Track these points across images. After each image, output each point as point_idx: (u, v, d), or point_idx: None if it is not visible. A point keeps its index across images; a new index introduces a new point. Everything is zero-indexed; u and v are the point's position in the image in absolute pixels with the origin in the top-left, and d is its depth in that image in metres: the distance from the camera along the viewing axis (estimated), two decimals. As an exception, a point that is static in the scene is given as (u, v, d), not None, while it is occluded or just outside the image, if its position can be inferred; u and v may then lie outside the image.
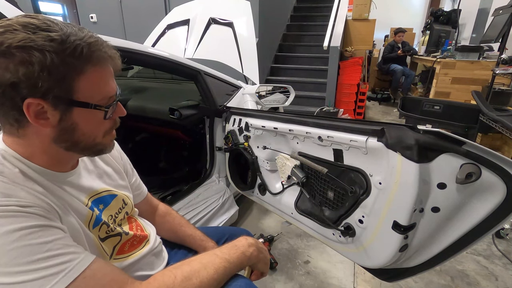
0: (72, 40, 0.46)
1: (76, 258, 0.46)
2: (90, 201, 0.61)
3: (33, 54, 0.43)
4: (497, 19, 2.49)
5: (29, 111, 0.45)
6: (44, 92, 0.45)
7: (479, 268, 1.53)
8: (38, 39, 0.43)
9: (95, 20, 4.78)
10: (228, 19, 2.17)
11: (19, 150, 0.51)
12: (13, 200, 0.44)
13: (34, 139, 0.50)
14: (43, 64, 0.43)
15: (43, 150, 0.52)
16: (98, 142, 0.56)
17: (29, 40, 0.43)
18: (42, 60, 0.43)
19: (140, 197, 0.84)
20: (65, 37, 0.45)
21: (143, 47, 1.25)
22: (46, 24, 0.45)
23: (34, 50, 0.43)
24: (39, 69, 0.43)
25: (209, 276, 0.56)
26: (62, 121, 0.49)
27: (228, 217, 1.64)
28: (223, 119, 1.55)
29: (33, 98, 0.45)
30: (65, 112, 0.49)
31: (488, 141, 2.87)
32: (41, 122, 0.47)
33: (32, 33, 0.43)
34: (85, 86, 0.49)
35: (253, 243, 0.70)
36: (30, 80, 0.43)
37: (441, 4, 6.92)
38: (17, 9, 0.90)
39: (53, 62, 0.44)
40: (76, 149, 0.54)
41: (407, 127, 0.76)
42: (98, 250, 0.59)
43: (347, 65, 4.12)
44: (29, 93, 0.44)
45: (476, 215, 0.73)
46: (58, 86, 0.46)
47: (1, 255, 0.41)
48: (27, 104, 0.45)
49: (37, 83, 0.44)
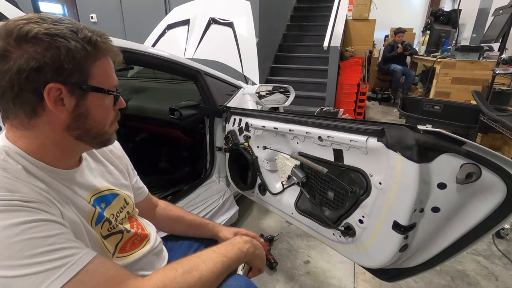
0: (86, 33, 0.50)
1: (79, 252, 0.47)
2: (92, 199, 0.61)
3: (58, 40, 0.47)
4: (497, 19, 2.49)
5: (49, 96, 0.48)
6: (66, 76, 0.48)
7: (479, 268, 1.53)
8: (61, 28, 0.48)
9: (95, 20, 4.79)
10: (228, 19, 2.16)
11: (24, 145, 0.51)
12: (16, 195, 0.45)
13: (45, 129, 0.51)
14: (68, 48, 0.47)
15: (53, 141, 0.53)
16: (106, 131, 0.58)
17: (54, 29, 0.47)
18: (67, 45, 0.47)
19: (142, 196, 0.85)
20: (80, 29, 0.50)
21: (143, 47, 1.25)
22: (60, 19, 0.50)
23: (59, 37, 0.47)
24: (65, 53, 0.47)
25: (208, 270, 0.58)
26: (77, 107, 0.51)
27: (228, 217, 1.64)
28: (223, 119, 1.55)
29: (54, 83, 0.47)
30: (81, 98, 0.51)
31: (488, 141, 2.87)
32: (59, 108, 0.50)
33: (53, 25, 0.48)
34: (98, 72, 0.53)
35: (248, 240, 0.73)
36: (56, 63, 0.47)
37: (441, 4, 6.93)
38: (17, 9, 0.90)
39: (76, 47, 0.48)
40: (87, 137, 0.56)
41: (407, 127, 0.76)
42: (101, 247, 0.60)
43: (347, 65, 4.12)
44: (52, 77, 0.47)
45: (476, 215, 0.73)
46: (78, 71, 0.50)
47: (5, 248, 0.41)
48: (48, 89, 0.47)
49: (63, 66, 0.47)
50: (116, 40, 1.07)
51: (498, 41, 2.43)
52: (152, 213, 0.89)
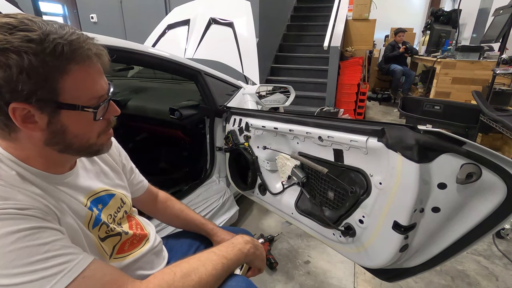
0: (52, 39, 0.43)
1: (75, 258, 0.46)
2: (89, 201, 0.61)
3: (10, 57, 0.41)
4: (498, 19, 2.49)
5: (15, 115, 0.44)
6: (26, 95, 0.43)
7: (479, 268, 1.53)
8: (14, 40, 0.41)
9: (96, 20, 4.79)
10: (228, 19, 2.16)
11: (15, 153, 0.50)
12: (11, 203, 0.44)
13: (26, 142, 0.49)
14: (21, 66, 0.41)
15: (38, 153, 0.51)
16: (92, 143, 0.55)
17: (5, 41, 0.41)
18: (20, 62, 0.41)
19: (142, 189, 0.86)
20: (44, 36, 0.43)
21: (143, 47, 1.25)
22: (24, 24, 0.43)
23: (11, 52, 0.41)
24: (18, 72, 0.41)
25: (207, 273, 0.58)
26: (50, 124, 0.47)
27: (228, 217, 1.64)
28: (223, 119, 1.55)
29: (17, 103, 0.43)
30: (53, 115, 0.47)
31: (489, 141, 2.87)
32: (29, 126, 0.46)
33: (9, 34, 0.41)
34: (70, 86, 0.46)
35: (249, 240, 0.72)
36: (10, 84, 0.42)
37: (441, 4, 6.93)
38: (17, 9, 0.90)
39: (31, 63, 0.42)
40: (70, 151, 0.53)
41: (408, 127, 0.76)
42: (98, 250, 0.59)
43: (347, 65, 4.12)
44: (12, 97, 0.43)
45: (476, 215, 0.73)
46: (40, 88, 0.44)
47: (0, 257, 0.41)
48: (12, 109, 0.43)
49: (17, 87, 0.42)
50: (116, 40, 1.08)
51: (498, 41, 2.43)
52: (154, 205, 0.90)
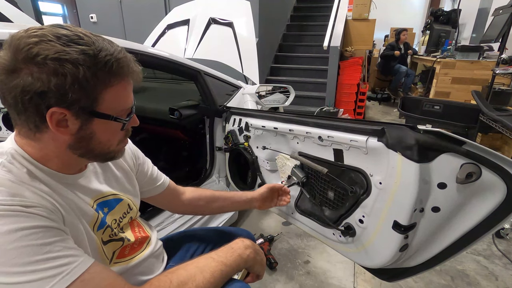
0: (104, 55, 0.47)
1: (75, 261, 0.46)
2: (95, 203, 0.61)
3: (66, 66, 0.44)
4: (497, 19, 2.49)
5: (51, 119, 0.47)
6: (70, 102, 0.46)
7: (479, 268, 1.53)
8: (72, 52, 0.45)
9: (95, 20, 4.79)
10: (228, 19, 2.16)
11: (31, 151, 0.51)
12: (17, 200, 0.44)
13: (49, 144, 0.51)
14: (76, 76, 0.45)
15: (56, 155, 0.53)
16: (112, 150, 0.58)
17: (64, 52, 0.44)
18: (75, 72, 0.45)
19: (161, 187, 0.85)
20: (97, 52, 0.47)
21: (143, 47, 1.25)
22: (78, 36, 0.46)
23: (68, 62, 0.44)
24: (71, 81, 0.45)
25: (205, 280, 0.56)
26: (81, 130, 0.50)
27: (228, 217, 1.65)
28: (223, 119, 1.55)
29: (58, 108, 0.46)
30: (86, 122, 0.50)
31: (488, 141, 2.87)
32: (61, 130, 0.49)
33: (66, 46, 0.45)
34: (109, 98, 0.50)
35: (249, 245, 0.70)
36: (60, 91, 0.45)
37: (441, 4, 6.93)
38: (17, 9, 0.90)
39: (85, 75, 0.46)
40: (90, 156, 0.56)
41: (407, 127, 0.76)
42: (99, 253, 0.59)
43: (347, 65, 4.12)
44: (56, 102, 0.46)
45: (476, 215, 0.73)
46: (85, 97, 0.48)
47: (1, 254, 0.41)
48: (51, 113, 0.46)
49: (67, 94, 0.45)
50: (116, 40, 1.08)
51: (498, 41, 2.43)
52: (178, 201, 0.89)
